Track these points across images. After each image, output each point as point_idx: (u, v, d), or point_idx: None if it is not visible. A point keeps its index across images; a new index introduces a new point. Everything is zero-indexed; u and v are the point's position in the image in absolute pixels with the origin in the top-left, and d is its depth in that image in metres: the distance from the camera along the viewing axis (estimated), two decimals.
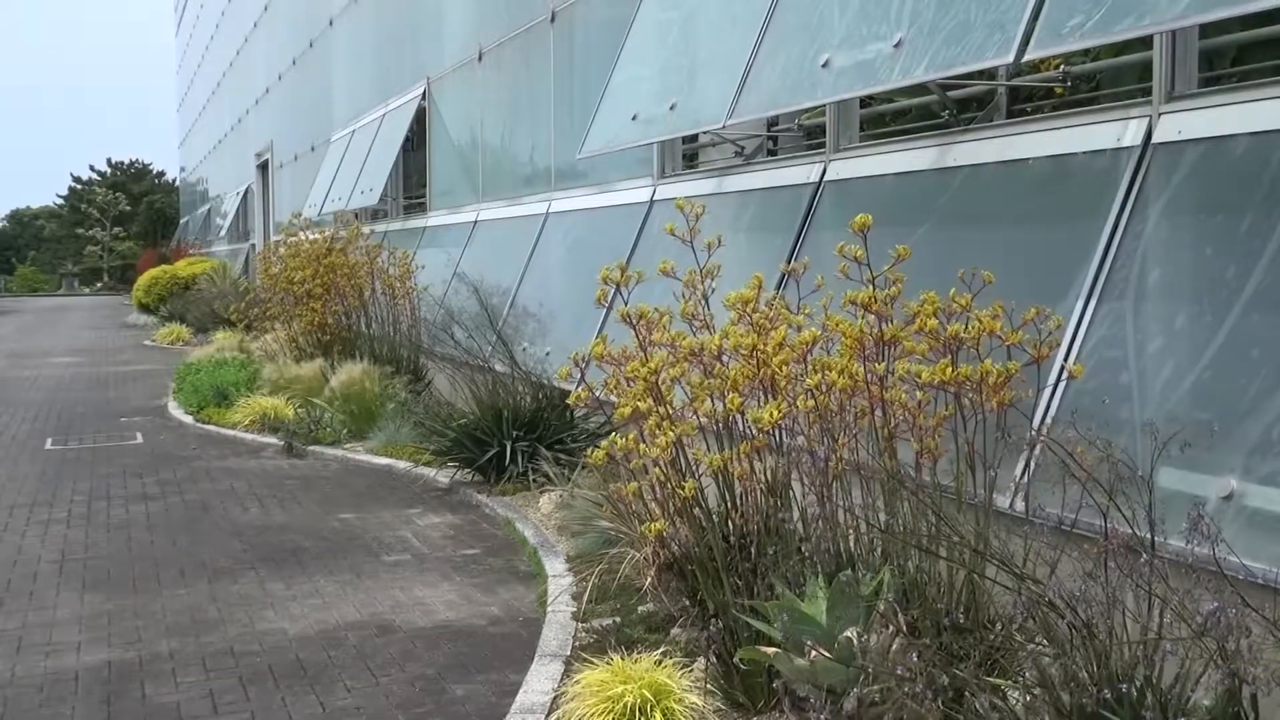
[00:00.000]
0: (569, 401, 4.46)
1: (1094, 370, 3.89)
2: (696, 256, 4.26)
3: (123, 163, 62.56)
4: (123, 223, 58.57)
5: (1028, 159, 4.62)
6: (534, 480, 6.90)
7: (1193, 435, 3.21)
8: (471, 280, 8.72)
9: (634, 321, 4.11)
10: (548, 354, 7.78)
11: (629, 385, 4.10)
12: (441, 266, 11.24)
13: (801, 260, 4.53)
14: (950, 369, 3.47)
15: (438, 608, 5.09)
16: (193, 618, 5.00)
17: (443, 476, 7.65)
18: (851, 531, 3.70)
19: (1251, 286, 3.50)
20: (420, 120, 13.65)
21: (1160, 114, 4.07)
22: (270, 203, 24.83)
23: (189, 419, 10.79)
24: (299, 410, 9.94)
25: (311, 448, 9.12)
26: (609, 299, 4.25)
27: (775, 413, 3.73)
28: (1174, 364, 3.66)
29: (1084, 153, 4.35)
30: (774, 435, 3.88)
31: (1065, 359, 3.95)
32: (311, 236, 12.20)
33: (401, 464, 8.25)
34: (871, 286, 3.67)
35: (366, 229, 13.26)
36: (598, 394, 4.35)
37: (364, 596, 5.27)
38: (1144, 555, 2.70)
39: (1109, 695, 2.60)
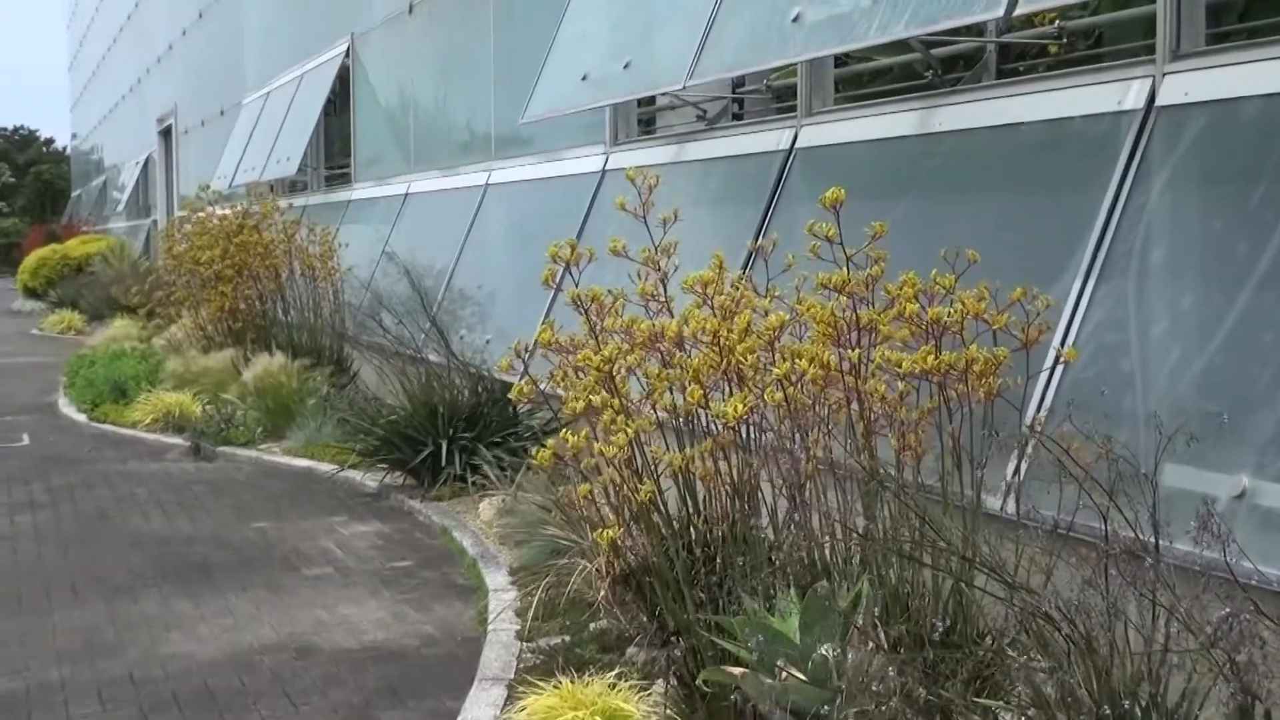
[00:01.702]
0: (512, 395, 4.46)
1: (1092, 356, 3.92)
2: (652, 233, 4.27)
3: (5, 129, 61.88)
4: (6, 196, 57.89)
5: (1019, 124, 4.65)
6: (473, 483, 6.91)
7: (1200, 428, 3.19)
8: (402, 260, 8.70)
9: (585, 305, 4.11)
10: (488, 342, 7.79)
11: (579, 376, 4.11)
12: (368, 245, 11.21)
13: (770, 237, 4.55)
14: (932, 356, 3.49)
15: (365, 627, 5.08)
16: (87, 641, 4.96)
17: (370, 480, 7.64)
18: (827, 538, 3.72)
19: (1265, 263, 3.53)
20: (344, 81, 13.57)
21: (1164, 74, 4.10)
22: (174, 174, 24.62)
23: (82, 418, 10.70)
24: (208, 407, 9.89)
25: (222, 449, 9.08)
26: (557, 280, 4.25)
27: (741, 406, 3.73)
28: (1180, 349, 3.70)
29: (1081, 117, 4.37)
30: (740, 431, 3.90)
31: (1061, 344, 3.98)
32: (221, 212, 12.14)
33: (324, 466, 8.24)
34: (846, 267, 3.70)
35: (283, 203, 13.20)
36: (544, 386, 4.35)
37: (282, 615, 5.25)
38: (1148, 560, 2.72)
39: (1110, 713, 2.62)
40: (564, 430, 4.07)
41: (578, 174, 7.97)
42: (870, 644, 3.27)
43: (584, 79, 7.35)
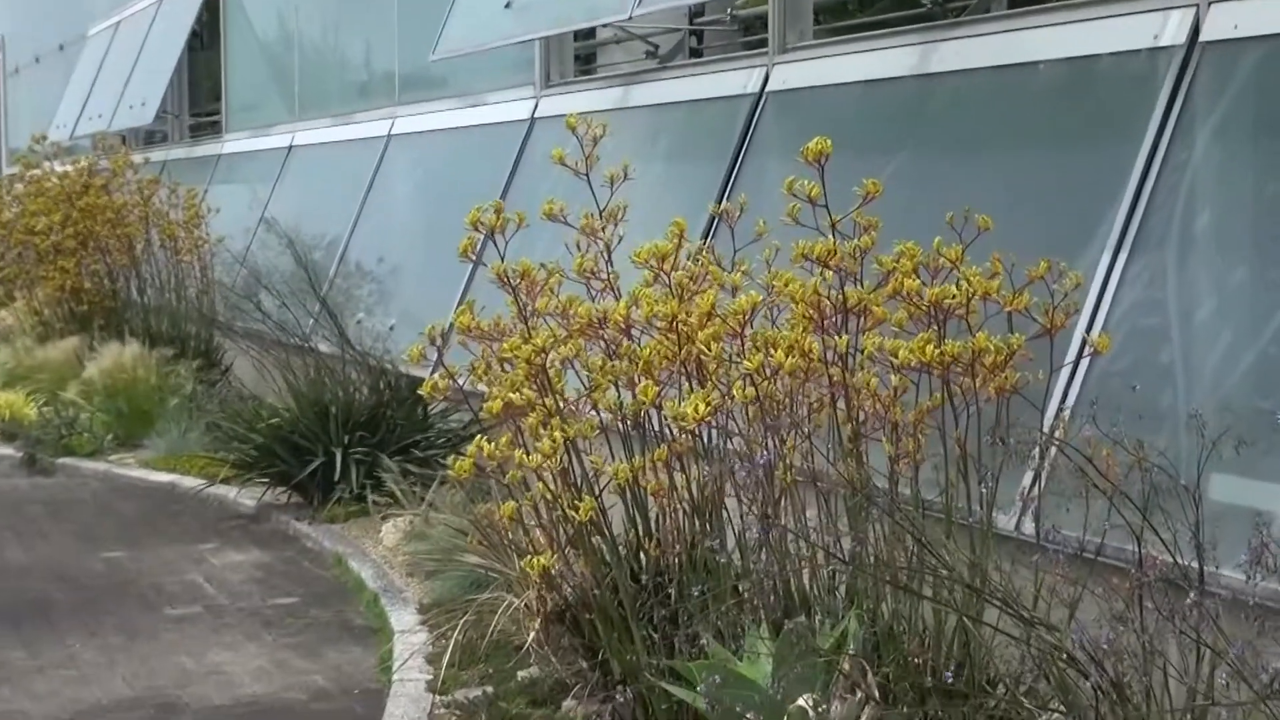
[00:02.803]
0: (423, 393, 4.45)
1: (1123, 345, 3.94)
2: (595, 194, 4.25)
3: None
4: None
5: (1037, 62, 4.66)
6: (374, 501, 6.89)
7: (1252, 430, 3.17)
8: (285, 229, 8.63)
9: (512, 282, 4.12)
10: (392, 328, 7.77)
11: (505, 370, 4.11)
12: (244, 209, 11.08)
13: (737, 199, 4.53)
14: (934, 345, 3.50)
15: (241, 678, 5.04)
16: None
17: (247, 498, 7.58)
18: (805, 565, 3.72)
19: None
20: (212, 9, 13.44)
21: (1210, 2, 4.11)
22: (3, 122, 24.29)
23: None
24: (45, 409, 9.76)
25: (63, 460, 8.97)
26: (477, 251, 4.24)
27: (702, 406, 3.74)
28: (1229, 335, 3.73)
29: (1110, 54, 4.39)
30: (701, 436, 3.90)
31: (1087, 330, 4.00)
32: (61, 169, 11.98)
33: (190, 481, 8.15)
34: (832, 235, 3.69)
35: (138, 157, 13.06)
36: (462, 382, 4.33)
37: (138, 665, 5.19)
38: (1190, 591, 2.73)
39: None
40: (484, 436, 4.08)
41: (502, 122, 7.95)
42: (858, 693, 3.27)
43: (508, 6, 7.33)
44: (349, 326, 7.83)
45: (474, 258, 4.25)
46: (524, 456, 3.96)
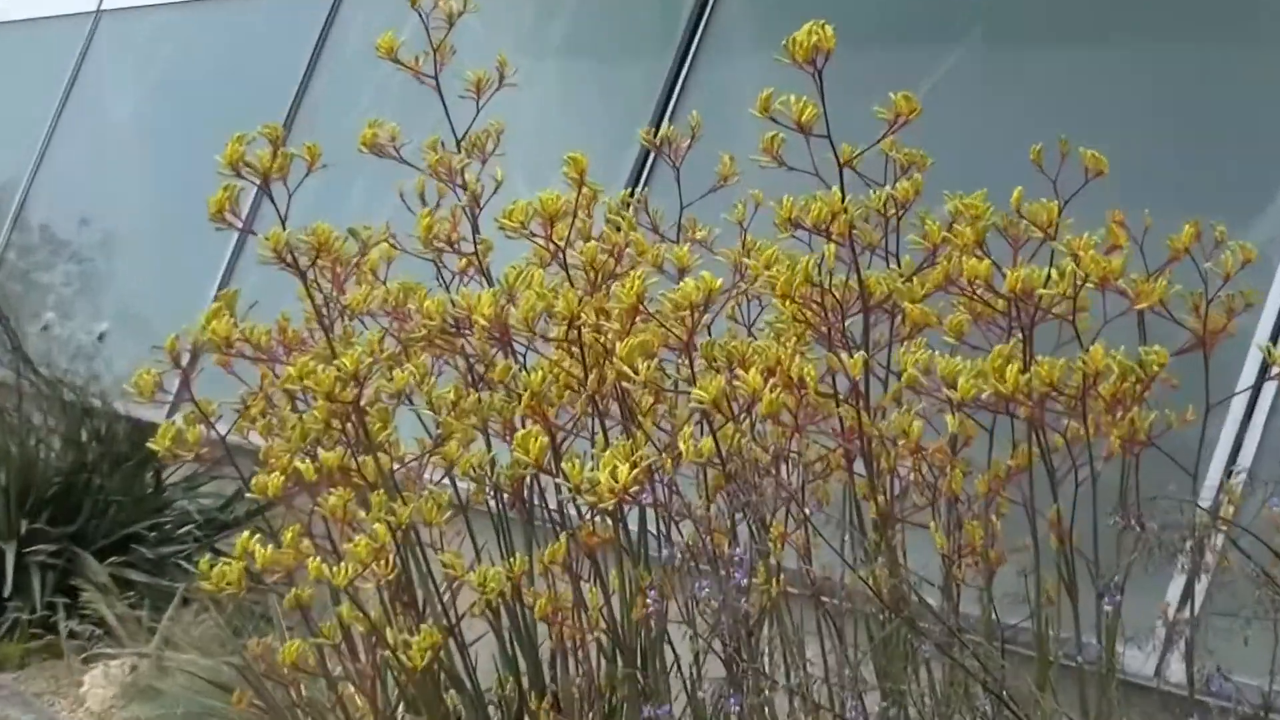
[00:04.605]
0: (156, 448, 4.28)
1: None
2: (450, 114, 4.16)
3: None
4: None
5: None
6: (73, 631, 6.73)
7: None
8: None
9: (305, 261, 4.02)
10: (103, 337, 7.79)
11: (294, 409, 4.06)
12: None
13: (688, 118, 4.44)
14: (1017, 366, 3.41)
15: None
16: None
17: None
18: None
19: None
20: None
21: None
22: None
23: None
24: None
25: None
26: (244, 212, 4.09)
27: (625, 469, 3.47)
28: None
29: None
30: (626, 521, 3.82)
31: (1273, 340, 3.97)
32: None
33: None
34: (840, 182, 3.56)
35: None
36: (223, 430, 4.22)
37: None
38: None
39: None
40: (256, 524, 4.17)
41: None
42: None
43: None
44: (30, 338, 7.82)
45: (238, 221, 4.05)
46: (316, 567, 3.77)
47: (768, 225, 3.79)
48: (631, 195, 4.41)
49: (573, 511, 3.91)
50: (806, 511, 3.65)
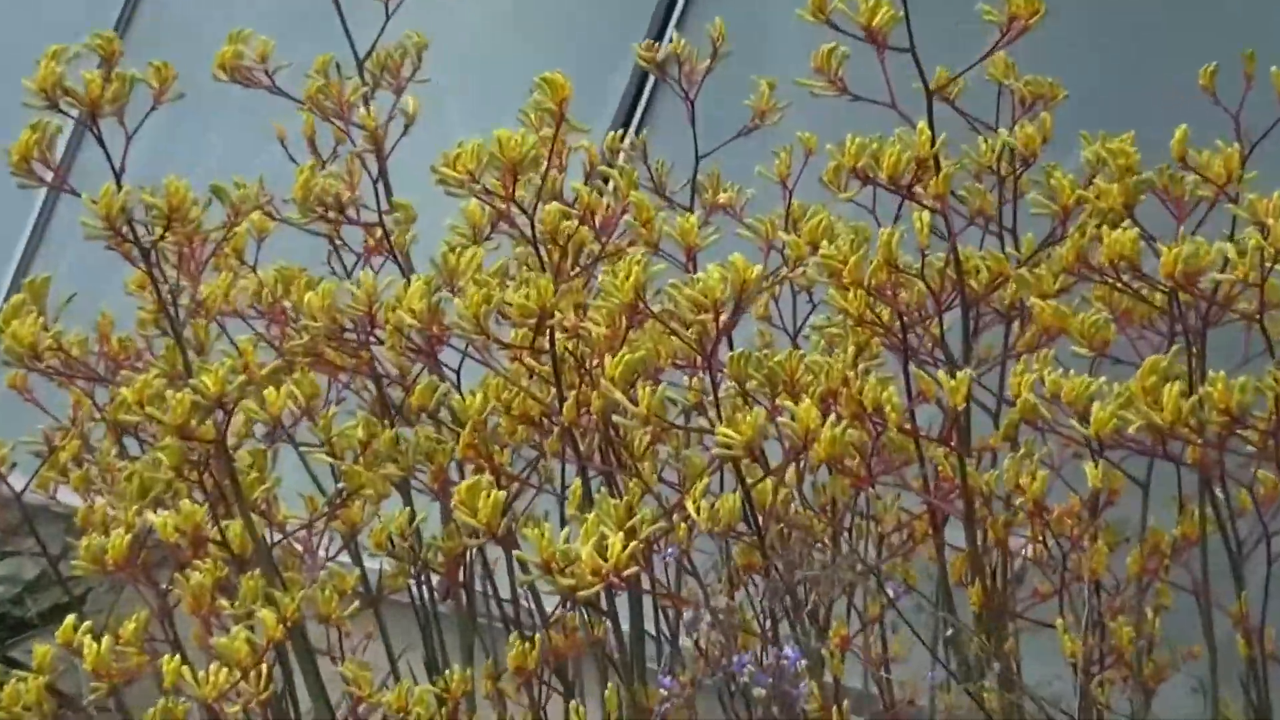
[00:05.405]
0: None
1: None
2: (344, 18, 3.87)
3: None
4: None
5: None
6: None
7: None
8: None
9: (141, 238, 3.52)
10: None
11: (125, 451, 3.81)
12: None
13: (706, 27, 4.01)
14: (1181, 386, 2.95)
15: None
16: None
17: None
18: None
19: None
20: None
21: None
22: None
23: None
24: None
25: None
26: (56, 162, 3.58)
27: (618, 541, 2.94)
28: None
29: None
30: (616, 613, 3.41)
31: None
32: None
33: None
34: (930, 123, 3.21)
35: None
36: (22, 485, 3.98)
37: None
38: None
39: None
40: (82, 615, 3.52)
41: None
42: None
43: None
44: None
45: (52, 175, 3.48)
46: (183, 670, 3.13)
47: (811, 189, 3.54)
48: (621, 140, 3.88)
49: (533, 606, 3.52)
50: (879, 600, 3.43)
